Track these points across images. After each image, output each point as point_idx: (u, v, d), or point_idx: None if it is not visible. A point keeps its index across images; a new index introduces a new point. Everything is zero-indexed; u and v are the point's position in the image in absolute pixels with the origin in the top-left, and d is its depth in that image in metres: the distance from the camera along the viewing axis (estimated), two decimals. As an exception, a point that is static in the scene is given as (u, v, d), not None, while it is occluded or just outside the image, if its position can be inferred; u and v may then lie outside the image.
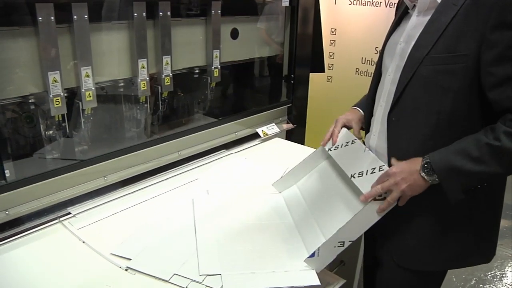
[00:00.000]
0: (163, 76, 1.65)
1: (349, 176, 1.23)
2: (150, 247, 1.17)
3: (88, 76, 1.37)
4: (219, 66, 1.81)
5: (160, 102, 1.72)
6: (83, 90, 1.38)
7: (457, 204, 1.15)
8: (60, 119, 1.37)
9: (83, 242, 1.20)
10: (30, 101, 1.32)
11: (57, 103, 1.31)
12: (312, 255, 1.13)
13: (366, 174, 1.20)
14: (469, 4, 1.05)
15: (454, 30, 1.07)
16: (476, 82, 1.07)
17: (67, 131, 1.41)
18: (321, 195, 1.38)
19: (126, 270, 1.09)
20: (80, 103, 1.40)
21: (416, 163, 1.10)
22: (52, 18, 1.24)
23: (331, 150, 1.39)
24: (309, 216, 1.32)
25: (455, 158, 1.06)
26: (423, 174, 1.09)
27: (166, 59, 1.64)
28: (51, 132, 1.39)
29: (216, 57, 1.78)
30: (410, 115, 1.17)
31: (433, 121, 1.13)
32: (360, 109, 1.45)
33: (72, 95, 1.40)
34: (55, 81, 1.29)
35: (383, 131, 1.26)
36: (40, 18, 1.22)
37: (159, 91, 1.69)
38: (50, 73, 1.28)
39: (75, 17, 1.30)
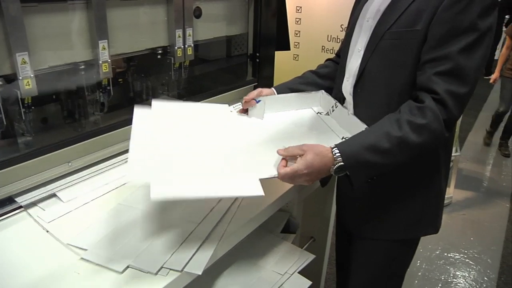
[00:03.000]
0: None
1: (341, 138, 1.26)
2: (108, 236, 1.14)
3: (25, 62, 1.27)
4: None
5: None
6: (20, 78, 1.27)
7: (407, 176, 1.26)
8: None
9: (47, 231, 1.18)
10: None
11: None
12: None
13: None
14: None
15: (415, 8, 1.11)
16: None
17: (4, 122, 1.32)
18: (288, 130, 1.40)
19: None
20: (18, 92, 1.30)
21: (327, 162, 1.09)
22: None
23: (321, 114, 1.45)
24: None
25: (366, 153, 1.08)
26: (332, 172, 1.11)
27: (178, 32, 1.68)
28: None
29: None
30: (370, 87, 1.24)
31: (386, 94, 1.20)
32: (276, 90, 1.51)
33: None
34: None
35: (351, 103, 1.32)
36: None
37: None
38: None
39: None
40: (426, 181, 1.29)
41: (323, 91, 1.49)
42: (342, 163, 1.08)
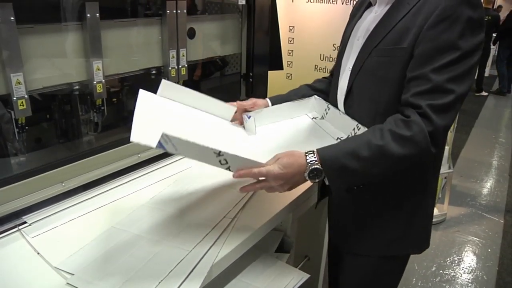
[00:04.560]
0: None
1: (335, 139, 1.27)
2: (97, 260, 1.13)
3: (19, 83, 1.28)
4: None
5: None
6: (14, 98, 1.28)
7: (393, 194, 1.25)
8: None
9: (38, 253, 1.17)
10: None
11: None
12: None
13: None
14: (420, 4, 1.11)
15: (402, 26, 1.13)
16: None
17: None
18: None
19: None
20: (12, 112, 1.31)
21: (302, 164, 1.09)
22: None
23: (316, 119, 1.45)
24: None
25: (344, 158, 1.07)
26: (307, 178, 1.10)
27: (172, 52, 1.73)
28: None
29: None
30: (357, 104, 1.26)
31: (372, 110, 1.21)
32: (271, 101, 1.50)
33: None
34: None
35: None
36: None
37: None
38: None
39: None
40: (411, 200, 1.29)
41: (315, 96, 1.49)
42: (317, 166, 1.07)
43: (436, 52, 1.06)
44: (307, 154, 1.09)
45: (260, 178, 1.12)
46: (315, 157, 1.08)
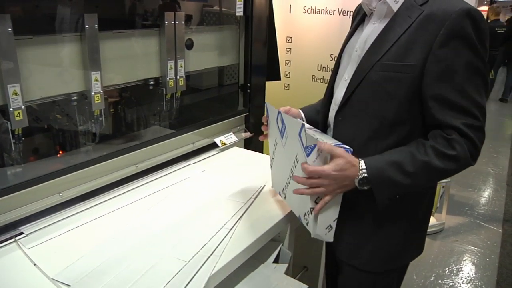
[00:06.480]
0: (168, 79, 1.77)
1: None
2: (94, 272, 1.12)
3: (16, 94, 1.29)
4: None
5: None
6: (11, 109, 1.28)
7: (395, 209, 1.24)
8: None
9: (35, 264, 1.16)
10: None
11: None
12: None
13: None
14: (422, 18, 1.11)
15: (406, 40, 1.13)
16: (420, 91, 1.13)
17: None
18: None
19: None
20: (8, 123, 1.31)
21: (354, 172, 1.12)
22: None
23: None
24: None
25: (390, 169, 1.12)
26: (357, 184, 1.14)
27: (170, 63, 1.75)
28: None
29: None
30: (356, 117, 1.23)
31: (376, 125, 1.19)
32: (303, 112, 1.51)
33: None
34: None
35: (331, 130, 1.32)
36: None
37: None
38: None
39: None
40: (411, 216, 1.29)
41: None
42: (365, 175, 1.11)
43: (455, 70, 1.08)
44: (359, 161, 1.12)
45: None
46: (365, 166, 1.12)
